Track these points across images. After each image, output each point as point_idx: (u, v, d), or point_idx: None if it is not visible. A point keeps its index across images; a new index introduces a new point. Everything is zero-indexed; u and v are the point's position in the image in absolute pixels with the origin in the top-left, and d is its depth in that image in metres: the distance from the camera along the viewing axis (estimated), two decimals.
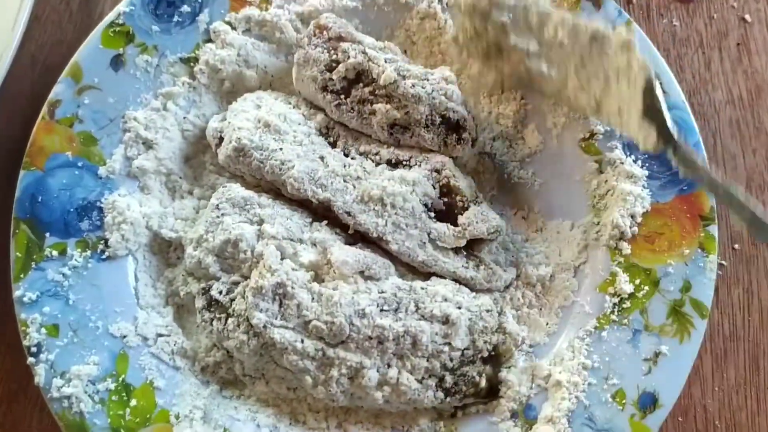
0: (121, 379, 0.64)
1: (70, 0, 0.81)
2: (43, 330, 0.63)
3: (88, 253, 0.66)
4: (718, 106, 0.77)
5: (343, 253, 0.62)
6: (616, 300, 0.64)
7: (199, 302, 0.65)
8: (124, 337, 0.65)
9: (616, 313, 0.64)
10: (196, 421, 0.63)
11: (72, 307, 0.65)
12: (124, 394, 0.63)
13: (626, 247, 0.65)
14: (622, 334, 0.63)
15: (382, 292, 0.62)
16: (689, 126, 0.65)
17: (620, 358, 0.62)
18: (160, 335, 0.66)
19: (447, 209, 0.66)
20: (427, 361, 0.62)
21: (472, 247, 0.67)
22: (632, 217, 0.65)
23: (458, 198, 0.66)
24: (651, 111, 0.59)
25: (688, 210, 0.64)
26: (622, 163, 0.66)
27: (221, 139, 0.68)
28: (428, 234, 0.65)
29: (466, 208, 0.65)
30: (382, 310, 0.61)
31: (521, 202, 0.71)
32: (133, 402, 0.63)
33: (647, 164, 0.66)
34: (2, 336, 0.71)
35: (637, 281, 0.64)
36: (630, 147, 0.66)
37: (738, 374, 0.69)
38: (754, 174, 0.75)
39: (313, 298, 0.61)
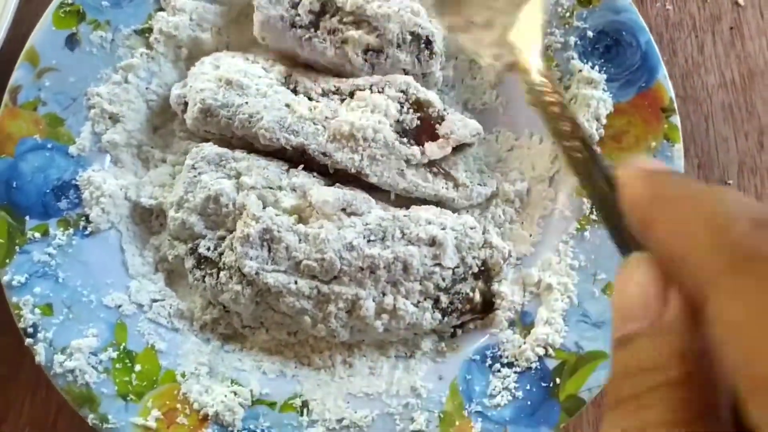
0: (122, 347, 0.64)
1: None
2: (37, 310, 0.63)
3: (71, 230, 0.66)
4: (711, 89, 0.77)
5: (323, 193, 0.63)
6: None
7: (189, 262, 0.65)
8: (119, 306, 0.65)
9: (594, 213, 0.66)
10: (203, 377, 0.63)
11: (62, 285, 0.65)
12: (127, 360, 0.64)
13: (596, 150, 0.66)
14: (603, 231, 0.65)
15: (367, 224, 0.64)
16: (639, 26, 0.67)
17: (604, 253, 0.64)
18: (155, 300, 0.67)
19: (423, 124, 0.67)
20: (420, 284, 0.63)
21: (447, 167, 0.68)
22: (597, 119, 0.67)
23: (431, 110, 0.67)
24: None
25: (649, 105, 0.66)
26: (580, 70, 0.68)
27: (186, 104, 0.68)
28: (405, 161, 0.66)
29: (442, 118, 0.67)
30: (369, 241, 0.63)
31: (489, 126, 0.72)
32: (138, 367, 0.63)
33: (604, 68, 0.68)
34: None
35: None
36: (585, 54, 0.68)
37: None
38: (746, 157, 0.75)
39: (300, 239, 0.62)
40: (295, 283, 0.62)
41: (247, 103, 0.66)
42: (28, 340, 0.63)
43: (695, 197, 0.30)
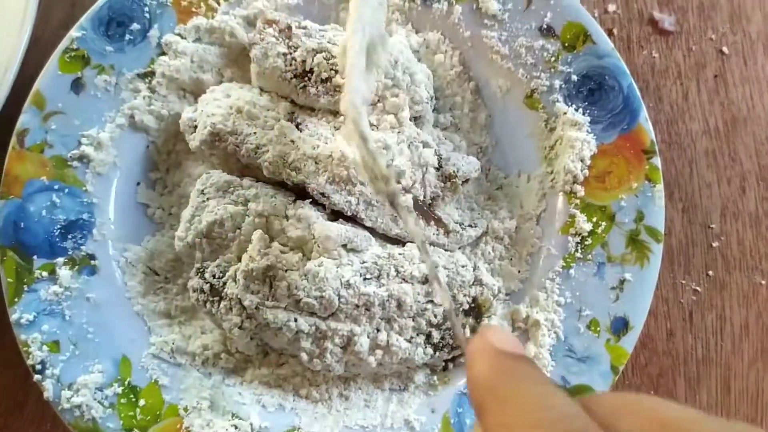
0: (126, 382, 0.66)
1: None
2: (45, 347, 0.66)
3: (77, 269, 0.69)
4: (695, 136, 0.79)
5: (326, 229, 0.66)
6: (578, 239, 0.69)
7: (193, 281, 0.67)
8: (123, 343, 0.68)
9: (579, 250, 0.68)
10: (204, 411, 0.66)
11: (69, 323, 0.67)
12: (131, 395, 0.66)
13: (580, 190, 0.70)
14: (588, 268, 0.68)
15: (364, 262, 0.66)
16: (621, 70, 0.71)
17: (589, 290, 0.67)
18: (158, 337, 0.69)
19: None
20: (413, 320, 0.66)
21: (439, 211, 0.71)
22: (582, 161, 0.70)
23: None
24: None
25: (631, 146, 0.69)
26: (565, 113, 0.71)
27: (195, 127, 0.71)
28: None
29: (440, 157, 0.71)
30: (365, 279, 0.65)
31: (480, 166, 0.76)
32: (142, 402, 0.66)
33: (588, 111, 0.71)
34: None
35: (595, 219, 0.69)
36: (570, 98, 0.71)
37: (710, 397, 0.74)
38: (729, 202, 0.78)
39: (301, 277, 0.65)
40: (295, 320, 0.64)
41: (255, 133, 0.69)
42: (37, 377, 0.65)
43: (525, 404, 0.32)
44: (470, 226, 0.72)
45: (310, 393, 0.69)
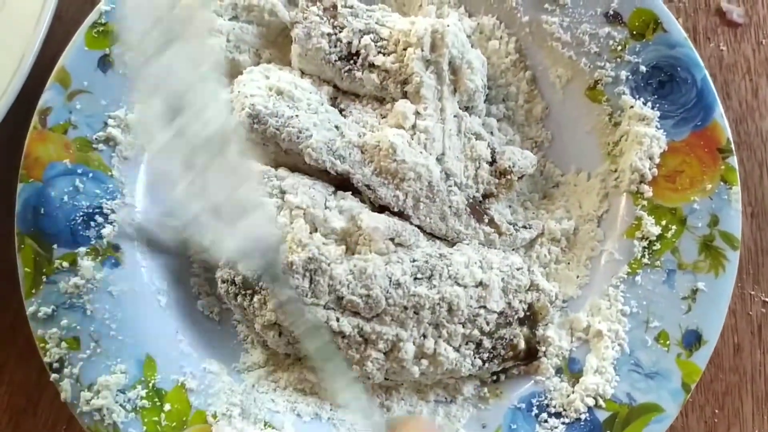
0: (151, 384, 0.61)
1: None
2: (64, 344, 0.61)
3: (100, 260, 0.64)
4: (766, 135, 0.74)
5: (374, 219, 0.61)
6: (645, 243, 0.63)
7: (222, 272, 0.62)
8: (148, 342, 0.63)
9: (647, 256, 0.63)
10: (235, 418, 0.61)
11: (90, 318, 0.62)
12: (156, 399, 0.61)
13: (648, 190, 0.64)
14: (656, 276, 0.62)
15: (414, 260, 0.61)
16: (694, 62, 0.65)
17: (658, 300, 0.61)
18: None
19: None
20: (464, 327, 0.61)
21: (492, 210, 0.66)
22: (650, 158, 0.64)
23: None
24: None
25: (705, 144, 0.64)
26: (632, 106, 0.65)
27: (231, 110, 0.65)
28: (449, 207, 0.64)
29: (494, 151, 0.66)
30: (416, 279, 0.60)
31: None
32: (167, 406, 0.61)
33: (657, 105, 0.65)
34: (12, 348, 0.69)
35: (664, 222, 0.63)
36: (637, 90, 0.66)
37: None
38: None
39: (346, 272, 0.59)
40: (337, 320, 0.59)
41: (297, 116, 0.63)
42: (54, 376, 0.60)
43: None
44: (524, 227, 0.67)
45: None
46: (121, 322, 0.62)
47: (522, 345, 0.62)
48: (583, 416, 0.59)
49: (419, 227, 0.64)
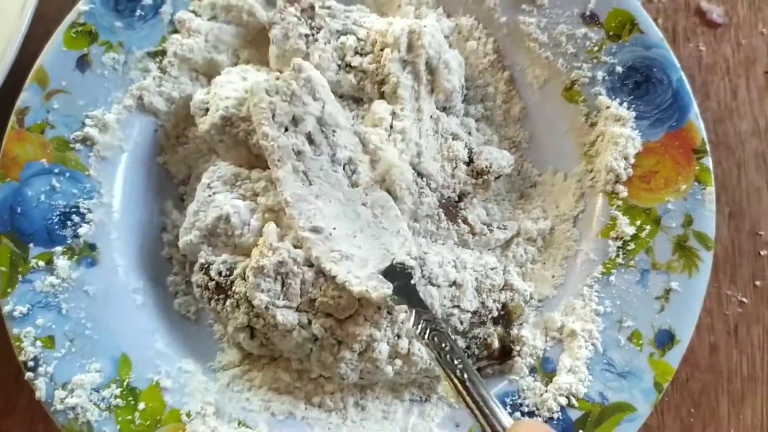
0: (125, 383, 0.61)
1: None
2: (39, 343, 0.61)
3: (76, 259, 0.64)
4: (744, 136, 0.74)
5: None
6: (619, 243, 0.63)
7: (197, 276, 0.62)
8: (123, 341, 0.63)
9: (621, 256, 0.63)
10: (209, 417, 0.61)
11: (65, 317, 0.62)
12: (130, 398, 0.61)
13: (623, 190, 0.64)
14: (630, 275, 0.62)
15: None
16: (670, 63, 0.65)
17: (631, 299, 0.62)
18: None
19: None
20: None
21: (466, 211, 0.66)
22: (625, 159, 0.64)
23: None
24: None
25: (680, 145, 0.64)
26: (608, 107, 0.66)
27: (207, 110, 0.65)
28: (419, 208, 0.64)
29: (471, 151, 0.67)
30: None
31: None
32: (141, 405, 0.61)
33: (633, 105, 0.65)
34: None
35: (638, 222, 0.63)
36: (614, 91, 0.66)
37: (755, 417, 0.68)
38: None
39: (318, 275, 0.59)
40: (309, 322, 0.59)
41: None
42: (29, 374, 0.60)
43: None
44: (499, 228, 0.67)
45: (323, 401, 0.63)
46: (96, 321, 0.63)
47: (496, 344, 0.62)
48: (555, 415, 0.59)
49: None
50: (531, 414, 0.60)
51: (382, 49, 0.66)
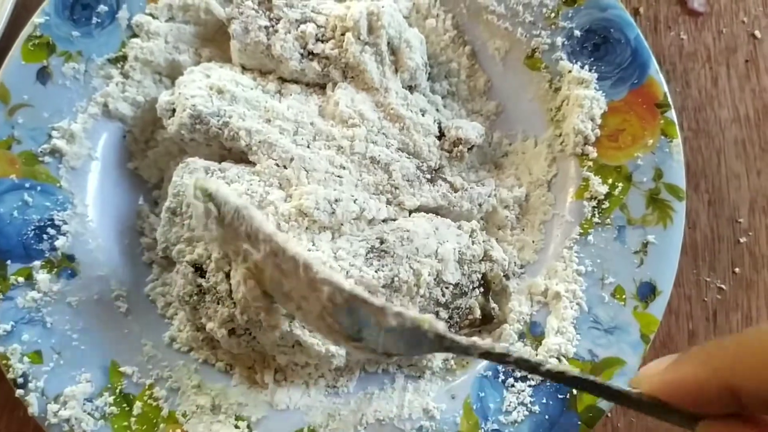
0: (118, 390, 0.61)
1: None
2: (26, 359, 0.60)
3: (56, 272, 0.63)
4: (724, 124, 0.74)
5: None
6: (594, 203, 0.64)
7: (185, 269, 0.62)
8: (111, 348, 0.62)
9: (597, 215, 0.64)
10: (206, 415, 0.61)
11: (51, 330, 0.62)
12: (125, 404, 0.61)
13: (592, 151, 0.65)
14: (608, 233, 0.63)
15: (367, 238, 0.61)
16: (626, 22, 0.66)
17: (611, 256, 0.62)
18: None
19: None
20: (421, 299, 0.61)
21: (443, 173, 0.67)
22: (592, 120, 0.65)
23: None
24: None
25: (644, 101, 0.65)
26: (570, 71, 0.66)
27: (174, 111, 0.65)
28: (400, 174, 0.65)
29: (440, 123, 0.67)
30: (367, 259, 0.60)
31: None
32: (136, 410, 0.61)
33: (594, 67, 0.66)
34: None
35: (610, 180, 0.64)
36: (574, 54, 0.67)
37: None
38: (758, 196, 0.72)
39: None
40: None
41: (238, 114, 0.64)
42: (19, 391, 0.60)
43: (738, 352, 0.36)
44: (478, 185, 0.67)
45: (317, 386, 0.63)
46: (82, 331, 0.62)
47: (477, 313, 0.63)
48: None
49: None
50: (524, 378, 0.61)
51: (343, 34, 0.66)
